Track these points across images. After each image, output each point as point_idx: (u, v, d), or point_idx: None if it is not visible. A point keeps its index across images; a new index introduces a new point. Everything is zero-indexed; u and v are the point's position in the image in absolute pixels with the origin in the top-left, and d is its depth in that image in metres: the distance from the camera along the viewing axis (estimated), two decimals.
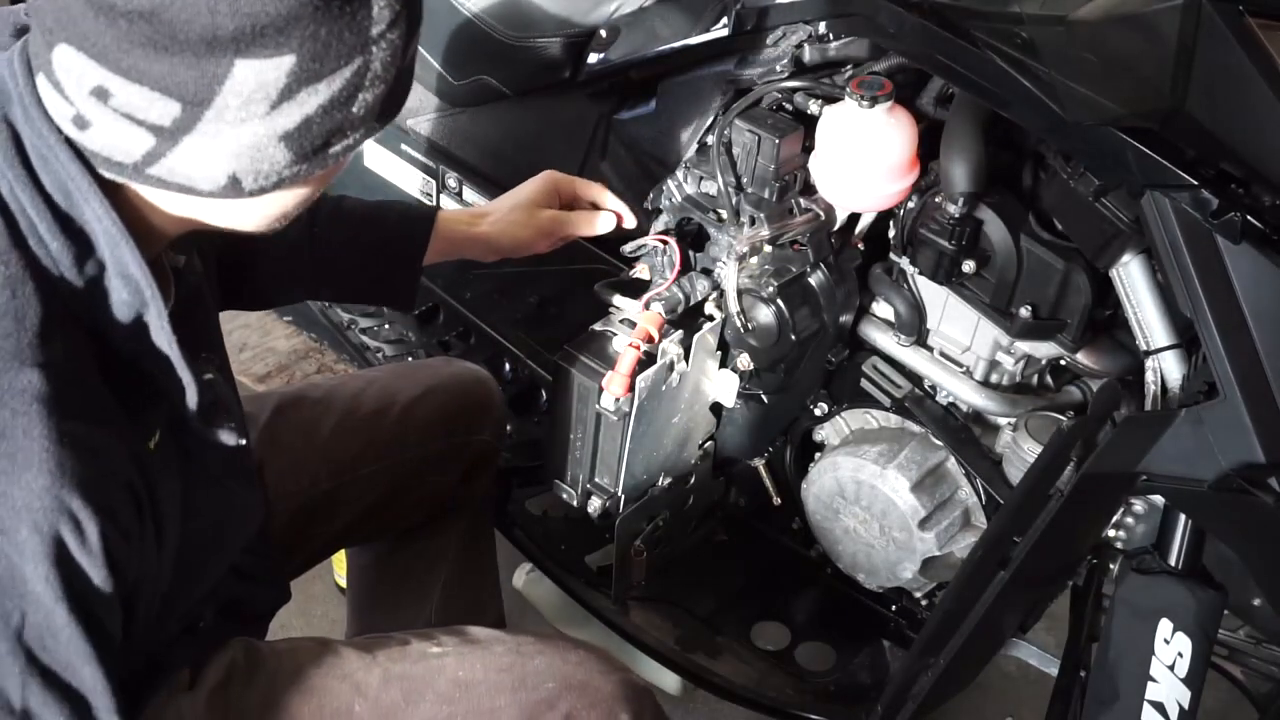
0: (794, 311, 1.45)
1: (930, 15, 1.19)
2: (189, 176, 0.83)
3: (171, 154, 0.81)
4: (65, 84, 0.80)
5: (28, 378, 0.82)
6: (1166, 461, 1.11)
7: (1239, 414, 1.03)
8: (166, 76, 0.77)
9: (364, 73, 0.82)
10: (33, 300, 0.83)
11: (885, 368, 1.54)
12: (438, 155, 1.86)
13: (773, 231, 1.41)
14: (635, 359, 1.36)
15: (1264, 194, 0.98)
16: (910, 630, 1.67)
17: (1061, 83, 1.05)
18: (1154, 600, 1.15)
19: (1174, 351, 1.21)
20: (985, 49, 1.13)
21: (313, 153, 0.84)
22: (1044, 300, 1.33)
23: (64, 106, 0.82)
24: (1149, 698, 1.14)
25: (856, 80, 1.32)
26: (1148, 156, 1.03)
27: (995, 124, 1.31)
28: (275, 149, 0.82)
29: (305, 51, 0.78)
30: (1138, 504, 1.34)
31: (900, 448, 1.52)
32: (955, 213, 1.31)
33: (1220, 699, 1.53)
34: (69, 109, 0.82)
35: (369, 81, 0.83)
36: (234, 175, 0.83)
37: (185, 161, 0.82)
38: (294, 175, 0.85)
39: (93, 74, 0.78)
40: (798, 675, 1.65)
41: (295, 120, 0.81)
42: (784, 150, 1.39)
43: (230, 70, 0.77)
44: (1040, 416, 1.41)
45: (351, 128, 0.85)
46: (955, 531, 1.53)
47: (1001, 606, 1.26)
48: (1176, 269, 1.04)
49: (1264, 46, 0.91)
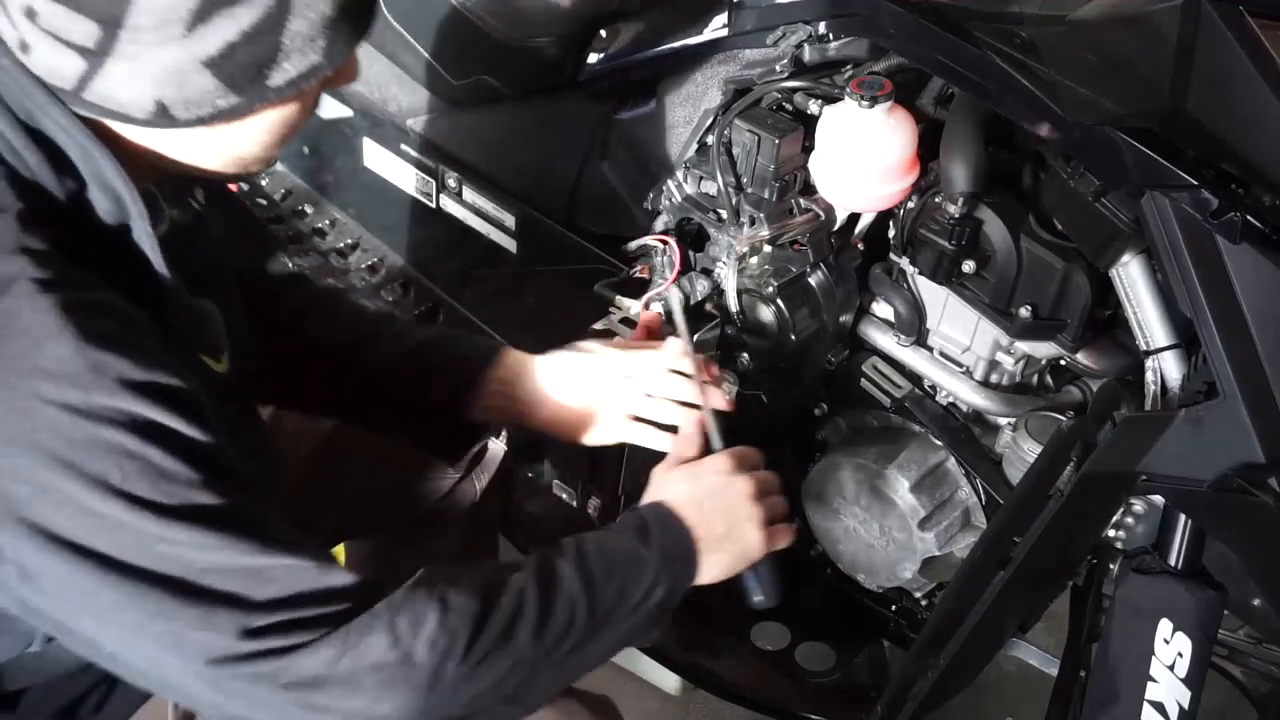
0: (794, 311, 1.45)
1: (930, 15, 1.19)
2: (119, 102, 0.82)
3: (98, 77, 0.81)
4: (8, 6, 0.80)
5: (21, 263, 0.79)
6: (1166, 461, 1.11)
7: (1239, 414, 1.03)
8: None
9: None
10: (17, 202, 0.82)
11: (885, 368, 1.54)
12: (437, 155, 1.86)
13: (773, 231, 1.42)
14: None
15: (1264, 194, 0.98)
16: (910, 630, 1.67)
17: (1061, 82, 1.05)
18: (1154, 600, 1.15)
19: (1174, 351, 1.21)
20: (985, 49, 1.13)
21: (246, 82, 0.83)
22: (1044, 300, 1.33)
23: (10, 30, 0.82)
24: (1149, 698, 1.14)
25: (856, 80, 1.32)
26: (1147, 156, 1.03)
27: (995, 124, 1.31)
28: (200, 76, 0.81)
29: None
30: (1138, 504, 1.34)
31: (900, 448, 1.52)
32: (955, 213, 1.31)
33: (1220, 699, 1.53)
34: (14, 33, 0.82)
35: (299, 8, 0.81)
36: (160, 102, 0.82)
37: (112, 85, 0.81)
38: (232, 108, 0.84)
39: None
40: (798, 675, 1.65)
41: (216, 45, 0.80)
42: (784, 150, 1.39)
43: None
44: (1040, 416, 1.41)
45: (286, 57, 0.83)
46: (955, 531, 1.53)
47: (1001, 606, 1.26)
48: (1176, 269, 1.04)
49: (1264, 46, 0.91)
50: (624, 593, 0.97)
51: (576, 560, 0.96)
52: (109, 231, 0.86)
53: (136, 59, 0.80)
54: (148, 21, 0.78)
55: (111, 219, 0.86)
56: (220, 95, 0.83)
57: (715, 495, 1.07)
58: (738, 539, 1.06)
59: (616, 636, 0.98)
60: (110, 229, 0.86)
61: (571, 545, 0.98)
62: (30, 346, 0.77)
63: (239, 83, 0.83)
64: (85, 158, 0.84)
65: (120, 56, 0.80)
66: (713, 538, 1.04)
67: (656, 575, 0.99)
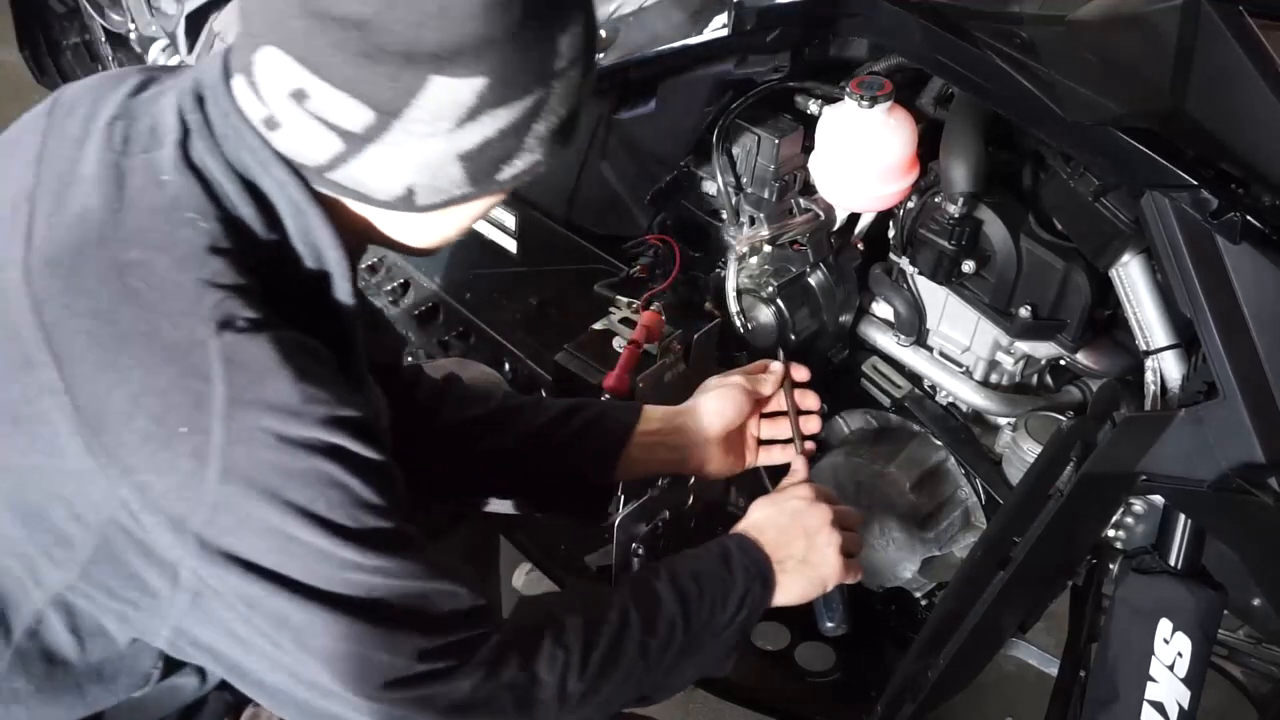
0: (794, 311, 1.45)
1: (930, 15, 1.19)
2: (368, 184, 0.86)
3: (356, 160, 0.84)
4: (263, 85, 0.84)
5: (238, 302, 0.82)
6: (1166, 461, 1.11)
7: (1239, 414, 1.03)
8: (365, 84, 0.80)
9: (542, 104, 0.85)
10: (233, 246, 0.85)
11: (885, 368, 1.54)
12: None
13: (772, 231, 1.42)
14: (634, 355, 1.36)
15: (1263, 194, 0.98)
16: (910, 630, 1.67)
17: (1061, 83, 1.05)
18: (1154, 600, 1.15)
19: (1174, 351, 1.21)
20: (985, 49, 1.13)
21: (483, 175, 0.87)
22: (1044, 300, 1.33)
23: (258, 107, 0.85)
24: (1149, 697, 1.14)
25: (856, 80, 1.32)
26: (1147, 156, 1.03)
27: (995, 124, 1.31)
28: (452, 167, 0.85)
29: (495, 76, 0.81)
30: (1137, 504, 1.34)
31: (900, 448, 1.52)
32: (955, 213, 1.31)
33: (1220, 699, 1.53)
34: (262, 110, 0.85)
35: (545, 112, 0.86)
36: (410, 188, 0.86)
37: (367, 169, 0.85)
38: (463, 196, 0.88)
39: (294, 76, 0.81)
40: (798, 675, 1.65)
41: (475, 141, 0.84)
42: (784, 150, 1.39)
43: (425, 84, 0.80)
44: (1040, 416, 1.41)
45: (520, 156, 0.88)
46: (955, 531, 1.53)
47: (1001, 606, 1.26)
48: (1176, 269, 1.04)
49: (1263, 46, 0.91)
50: (713, 612, 1.03)
51: (670, 580, 1.02)
52: (304, 285, 0.90)
53: (400, 147, 0.84)
54: (425, 115, 0.82)
55: (311, 274, 0.90)
56: (460, 185, 0.87)
57: (797, 518, 1.13)
58: (816, 563, 1.11)
59: (704, 658, 1.04)
60: (306, 283, 0.90)
61: (663, 568, 1.04)
62: (252, 380, 0.80)
63: (479, 176, 0.87)
64: (295, 214, 0.88)
65: (385, 144, 0.83)
66: (791, 560, 1.10)
67: (743, 596, 1.05)
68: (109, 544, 0.82)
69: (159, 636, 0.88)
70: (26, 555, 0.86)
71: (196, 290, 0.81)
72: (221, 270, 0.83)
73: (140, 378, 0.79)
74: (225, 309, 0.81)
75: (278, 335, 0.82)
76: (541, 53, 0.83)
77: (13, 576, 0.88)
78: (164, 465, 0.79)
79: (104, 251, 0.82)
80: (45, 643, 0.91)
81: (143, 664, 0.95)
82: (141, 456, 0.79)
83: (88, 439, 0.79)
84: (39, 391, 0.80)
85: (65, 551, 0.83)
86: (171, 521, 0.80)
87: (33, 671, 0.92)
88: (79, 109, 0.92)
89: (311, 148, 0.85)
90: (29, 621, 0.89)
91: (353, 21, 0.78)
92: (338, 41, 0.79)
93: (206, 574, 0.81)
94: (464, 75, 0.80)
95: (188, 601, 0.83)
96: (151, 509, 0.80)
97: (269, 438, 0.80)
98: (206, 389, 0.79)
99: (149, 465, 0.79)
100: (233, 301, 0.82)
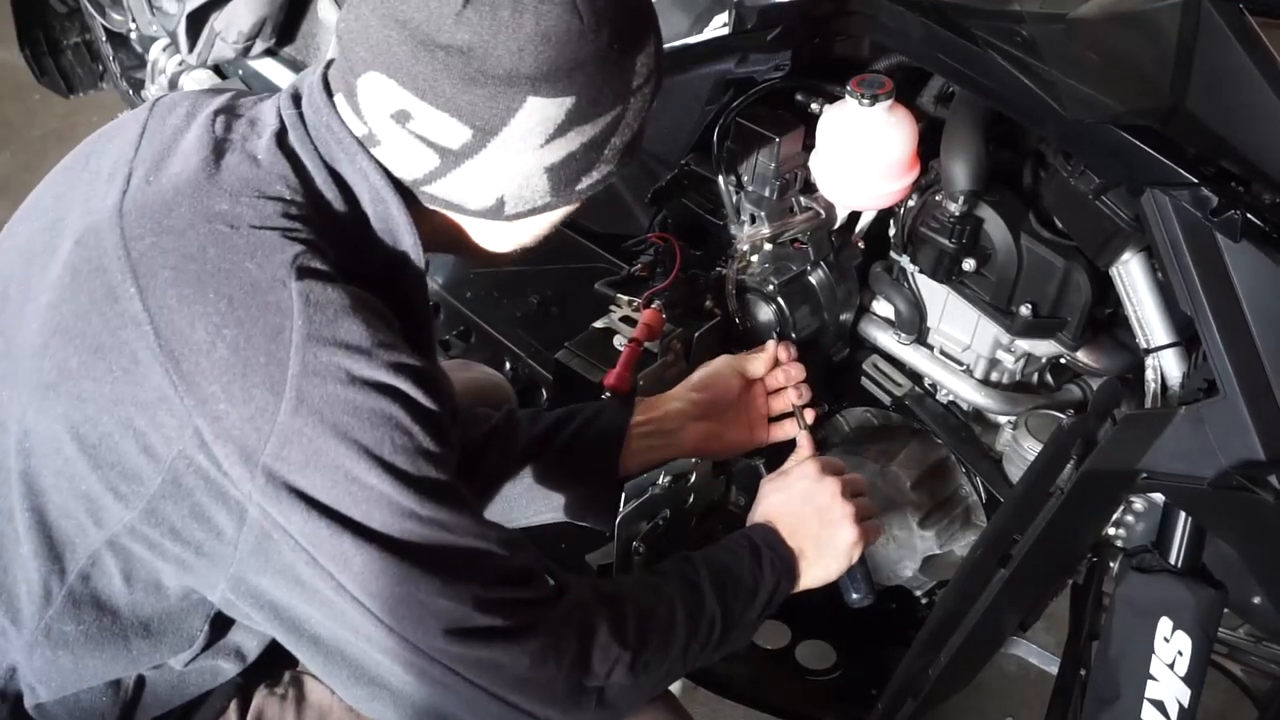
0: (794, 310, 1.45)
1: (931, 14, 1.19)
2: (460, 196, 0.94)
3: (451, 174, 0.92)
4: (366, 106, 0.91)
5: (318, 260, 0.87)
6: (1166, 459, 1.11)
7: (1239, 411, 1.03)
8: (466, 105, 0.87)
9: (620, 119, 0.93)
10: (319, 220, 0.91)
11: (885, 366, 1.54)
12: None
13: (773, 230, 1.42)
14: (635, 353, 1.36)
15: (1264, 192, 0.98)
16: (911, 629, 1.67)
17: (1062, 81, 1.05)
18: (1154, 598, 1.15)
19: (1174, 349, 1.21)
20: (986, 47, 1.13)
21: (565, 186, 0.95)
22: (1044, 298, 1.33)
23: (357, 125, 0.93)
24: (1149, 696, 1.14)
25: (857, 78, 1.32)
26: (1148, 154, 1.03)
27: (995, 122, 1.31)
28: (540, 179, 0.93)
29: (584, 95, 0.89)
30: (1138, 502, 1.34)
31: (900, 446, 1.52)
32: (955, 211, 1.31)
33: (1220, 697, 1.53)
34: (361, 127, 0.93)
35: (622, 127, 0.94)
36: (501, 198, 0.94)
37: (461, 183, 0.93)
38: (545, 205, 0.96)
39: (398, 98, 0.88)
40: (798, 674, 1.65)
41: (561, 155, 0.92)
42: (784, 149, 1.39)
43: (522, 104, 0.87)
44: (1040, 415, 1.41)
45: (598, 168, 0.95)
46: (955, 529, 1.53)
47: (1002, 604, 1.27)
48: (1177, 267, 1.04)
49: (1264, 44, 0.91)
50: (745, 611, 1.08)
51: (711, 581, 1.06)
52: (379, 269, 0.95)
53: (495, 163, 0.91)
54: (519, 132, 0.89)
55: (386, 258, 0.96)
56: (544, 195, 0.95)
57: (809, 499, 1.16)
58: (833, 540, 1.15)
59: (728, 649, 1.08)
60: (381, 268, 0.95)
61: (703, 568, 1.07)
62: (328, 320, 0.84)
63: (561, 187, 0.95)
64: (376, 202, 0.94)
65: (481, 160, 0.91)
66: (810, 542, 1.14)
67: (771, 592, 1.10)
68: (178, 480, 0.84)
69: (215, 588, 0.90)
70: (90, 494, 0.87)
71: (279, 241, 0.86)
72: (303, 232, 0.88)
73: (223, 310, 0.83)
74: (305, 259, 0.86)
75: (352, 289, 0.87)
76: (622, 72, 0.91)
77: (73, 519, 0.89)
78: (239, 395, 0.82)
79: (195, 202, 0.88)
80: (97, 587, 0.92)
81: (190, 625, 0.97)
82: (219, 385, 0.82)
83: (167, 367, 0.82)
84: (122, 323, 0.84)
85: (132, 486, 0.85)
86: (242, 453, 0.82)
87: (82, 617, 0.93)
88: (180, 107, 0.98)
89: (409, 164, 0.92)
90: (83, 564, 0.91)
91: (458, 48, 0.85)
92: (443, 67, 0.86)
93: (273, 510, 0.83)
94: (556, 95, 0.87)
95: (252, 544, 0.85)
96: (223, 439, 0.82)
97: (341, 374, 0.83)
98: (285, 323, 0.83)
99: (225, 394, 0.82)
100: (312, 255, 0.87)
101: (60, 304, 0.87)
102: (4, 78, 3.10)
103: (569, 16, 0.86)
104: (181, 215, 0.87)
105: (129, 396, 0.84)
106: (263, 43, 2.04)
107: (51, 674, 0.96)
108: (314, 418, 0.82)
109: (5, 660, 0.98)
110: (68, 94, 2.70)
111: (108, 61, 2.55)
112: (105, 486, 0.86)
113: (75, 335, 0.86)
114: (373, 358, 0.85)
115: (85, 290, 0.86)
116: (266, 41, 2.04)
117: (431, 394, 0.88)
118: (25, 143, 3.11)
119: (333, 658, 0.90)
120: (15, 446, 0.89)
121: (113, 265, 0.86)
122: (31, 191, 1.02)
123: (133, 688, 1.01)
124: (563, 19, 0.86)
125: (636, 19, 0.93)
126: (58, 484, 0.88)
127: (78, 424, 0.86)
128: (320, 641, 0.89)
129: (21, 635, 0.95)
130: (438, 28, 0.85)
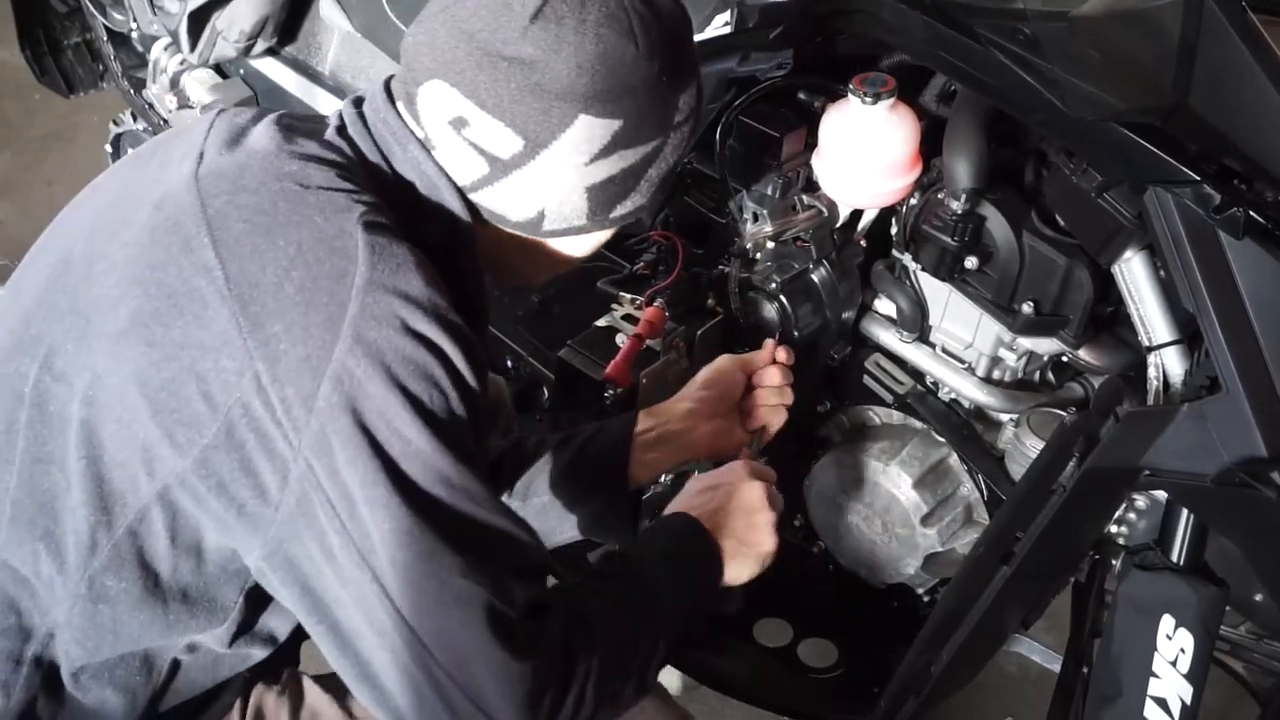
0: (797, 308, 1.45)
1: (933, 12, 1.19)
2: (505, 206, 0.98)
3: (499, 183, 0.96)
4: (425, 112, 0.96)
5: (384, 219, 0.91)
6: (1169, 457, 1.11)
7: (1241, 409, 1.03)
8: (522, 115, 0.92)
9: (659, 150, 0.98)
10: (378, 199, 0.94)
11: (887, 364, 1.54)
12: None
13: (775, 228, 1.42)
14: (636, 349, 1.36)
15: (1266, 189, 0.98)
16: (913, 626, 1.67)
17: (1064, 78, 1.05)
18: (1156, 596, 1.15)
19: (1176, 347, 1.21)
20: (988, 45, 1.13)
21: (600, 210, 0.99)
22: (1046, 296, 1.33)
23: (415, 129, 0.98)
24: (1151, 693, 1.15)
25: (859, 77, 1.32)
26: (1150, 152, 1.03)
27: (997, 120, 1.31)
28: (580, 197, 0.97)
29: (630, 120, 0.94)
30: (1140, 499, 1.34)
31: (902, 444, 1.52)
32: (958, 209, 1.31)
33: (1222, 694, 1.53)
34: (419, 131, 0.98)
35: (660, 159, 0.98)
36: (542, 212, 0.98)
37: (507, 192, 0.97)
38: (581, 227, 1.00)
39: (458, 105, 0.93)
40: (800, 672, 1.65)
41: (602, 176, 0.96)
42: (787, 147, 1.39)
43: (574, 121, 0.92)
44: (1042, 412, 1.41)
45: (632, 196, 0.99)
46: (957, 527, 1.53)
47: (1004, 602, 1.27)
48: (1179, 264, 1.04)
49: (1266, 41, 0.91)
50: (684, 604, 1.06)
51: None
52: (432, 251, 0.96)
53: (540, 176, 0.95)
54: (567, 148, 0.93)
55: (439, 242, 0.98)
56: (581, 215, 0.99)
57: (734, 496, 1.13)
58: (754, 543, 1.11)
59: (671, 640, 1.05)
60: (433, 250, 0.96)
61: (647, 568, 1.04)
62: (391, 271, 0.88)
63: (597, 210, 0.99)
64: (429, 189, 0.98)
65: (528, 171, 0.95)
66: (732, 540, 1.10)
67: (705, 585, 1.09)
68: (231, 430, 0.86)
69: (252, 552, 0.91)
70: (147, 442, 0.89)
71: (346, 200, 0.91)
72: (369, 197, 0.92)
73: (291, 254, 0.87)
74: (371, 215, 0.90)
75: (414, 249, 0.91)
76: (667, 105, 0.96)
77: (127, 469, 0.91)
78: (299, 333, 0.85)
79: (267, 164, 0.93)
80: (142, 544, 0.94)
81: (225, 597, 0.98)
82: (281, 325, 0.85)
83: (234, 309, 0.86)
84: (195, 270, 0.88)
85: (188, 434, 0.87)
86: (298, 394, 0.85)
87: (124, 573, 0.95)
88: (246, 113, 1.03)
89: (461, 169, 0.97)
90: (132, 518, 0.92)
91: (521, 61, 0.90)
92: (504, 77, 0.91)
93: (315, 462, 0.85)
94: (606, 115, 0.92)
95: (292, 506, 0.86)
96: (280, 381, 0.85)
97: (397, 321, 0.86)
98: (350, 267, 0.87)
99: (286, 333, 0.85)
100: (377, 214, 0.91)
101: (137, 259, 0.91)
102: (4, 78, 3.10)
103: (626, 42, 0.91)
104: (254, 175, 0.92)
105: (195, 340, 0.86)
106: (264, 42, 2.04)
107: (89, 632, 0.97)
108: (366, 360, 0.85)
109: (47, 619, 0.98)
110: (68, 94, 2.70)
111: (108, 61, 2.54)
112: (163, 433, 0.88)
113: (151, 284, 0.89)
114: (428, 312, 0.87)
115: (162, 245, 0.90)
116: (268, 41, 2.04)
117: (473, 366, 0.90)
118: (25, 143, 3.11)
119: (346, 650, 0.90)
120: (81, 395, 0.91)
121: (189, 221, 0.90)
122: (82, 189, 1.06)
123: (167, 669, 1.02)
124: (620, 43, 0.91)
125: (685, 57, 0.98)
126: (117, 432, 0.90)
127: (144, 369, 0.88)
128: (339, 629, 0.89)
129: (66, 586, 0.96)
130: (504, 40, 0.90)
